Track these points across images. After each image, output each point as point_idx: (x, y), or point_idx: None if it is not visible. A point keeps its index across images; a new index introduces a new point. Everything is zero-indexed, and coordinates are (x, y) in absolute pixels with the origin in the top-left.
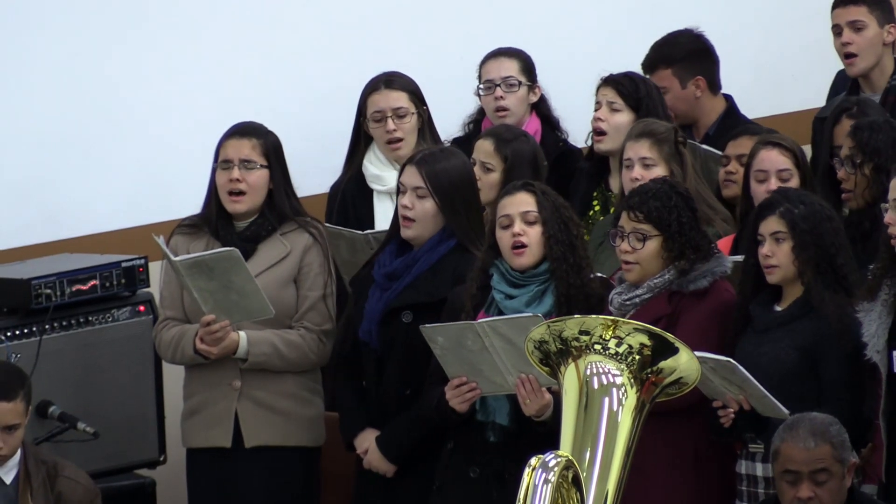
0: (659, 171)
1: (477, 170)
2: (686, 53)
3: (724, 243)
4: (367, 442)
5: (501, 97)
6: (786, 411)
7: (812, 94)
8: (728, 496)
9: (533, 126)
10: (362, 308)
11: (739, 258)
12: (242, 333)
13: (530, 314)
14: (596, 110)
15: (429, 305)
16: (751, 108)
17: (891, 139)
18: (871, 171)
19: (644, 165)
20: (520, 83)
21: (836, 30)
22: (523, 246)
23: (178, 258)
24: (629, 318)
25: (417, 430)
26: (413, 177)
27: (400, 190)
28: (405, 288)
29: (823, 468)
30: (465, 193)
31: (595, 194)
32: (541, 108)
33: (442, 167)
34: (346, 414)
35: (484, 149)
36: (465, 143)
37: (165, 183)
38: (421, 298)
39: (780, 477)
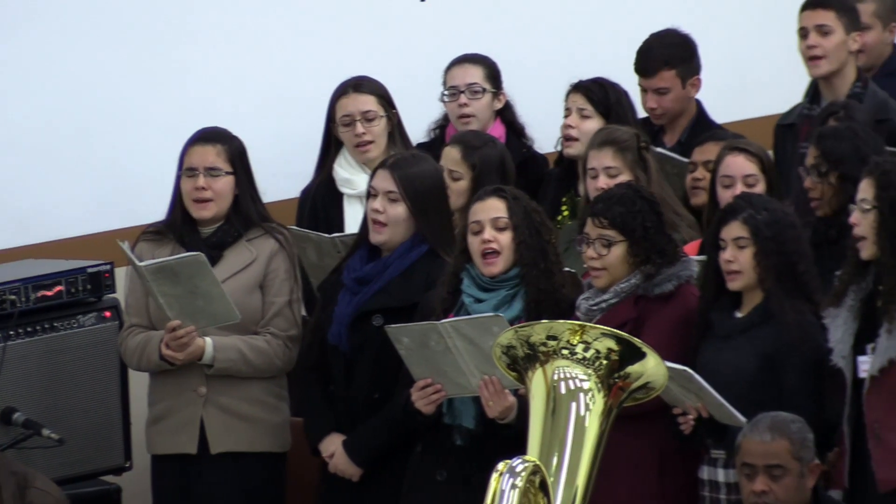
0: (623, 179)
1: (444, 177)
2: (688, 54)
3: (690, 248)
4: (333, 446)
5: (465, 104)
6: (742, 419)
7: (781, 99)
8: (693, 498)
9: (497, 132)
10: (331, 313)
11: (704, 258)
12: (208, 339)
13: (492, 314)
14: (566, 117)
15: (400, 310)
16: (720, 113)
17: (854, 147)
18: (836, 179)
19: (609, 175)
20: (484, 90)
21: (803, 32)
22: (494, 253)
23: (143, 263)
24: (596, 323)
25: (386, 434)
26: (385, 181)
27: (371, 194)
28: (376, 292)
29: (779, 464)
30: (436, 198)
31: (564, 199)
32: (505, 114)
33: (414, 172)
34: (312, 418)
35: (451, 156)
36: (429, 149)
37: (131, 189)
38: (392, 303)
39: (740, 471)
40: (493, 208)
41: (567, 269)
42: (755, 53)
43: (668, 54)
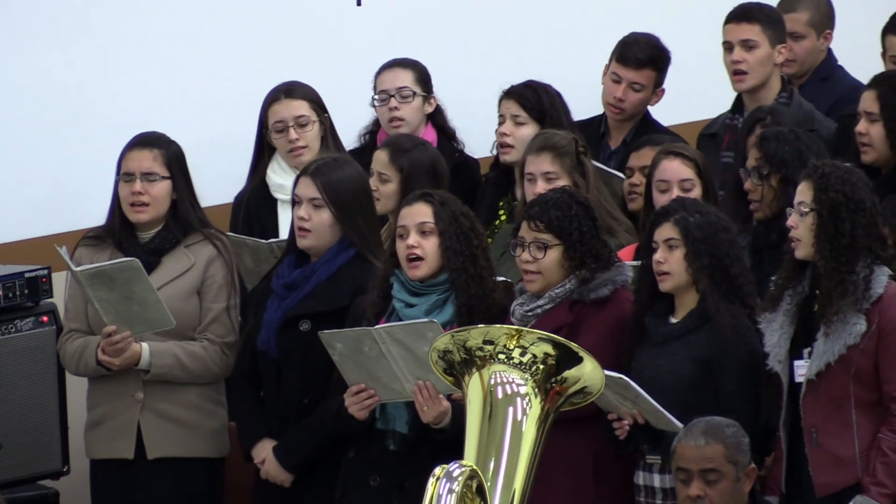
0: (561, 184)
1: (374, 180)
2: (666, 65)
3: (625, 253)
4: (264, 452)
5: (396, 108)
6: (679, 424)
7: (706, 107)
8: (630, 502)
9: (428, 136)
10: (261, 319)
11: (639, 263)
12: (145, 345)
13: (426, 320)
14: (500, 124)
15: (327, 314)
16: (664, 117)
17: (797, 150)
18: (777, 182)
19: (547, 179)
20: (414, 94)
21: (727, 46)
22: (418, 258)
23: (79, 268)
24: (532, 328)
25: (316, 439)
26: (308, 188)
27: (295, 201)
28: (304, 297)
29: (713, 468)
30: (360, 202)
31: (501, 203)
32: (436, 118)
33: (337, 177)
34: (244, 424)
35: (380, 159)
36: (360, 154)
37: (70, 193)
38: (320, 307)
39: (675, 476)
40: (419, 213)
41: (502, 278)
42: (681, 61)
43: (655, 56)
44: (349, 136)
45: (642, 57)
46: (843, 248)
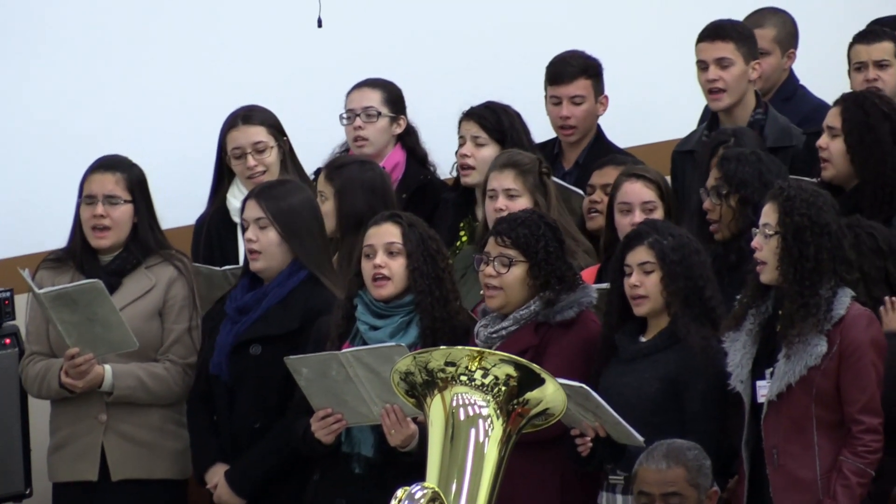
0: (523, 202)
1: (319, 201)
2: (599, 72)
3: (587, 274)
4: (216, 476)
5: (360, 127)
6: (640, 438)
7: (680, 124)
8: None
9: (395, 158)
10: (214, 342)
11: (605, 286)
12: (107, 367)
13: (394, 344)
14: (461, 145)
15: (278, 338)
16: (618, 138)
17: (757, 171)
18: (736, 202)
19: (508, 196)
20: (380, 113)
21: (702, 65)
22: (385, 278)
23: (41, 290)
24: (496, 350)
25: (267, 465)
26: (253, 210)
27: (244, 226)
28: (255, 321)
29: (675, 491)
30: (306, 220)
31: (462, 225)
32: (406, 140)
33: (279, 196)
34: (197, 448)
35: (319, 180)
36: None
37: (32, 216)
38: (270, 331)
39: (637, 500)
40: (387, 233)
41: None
42: (654, 78)
43: (585, 64)
44: (312, 158)
45: (572, 69)
46: (808, 271)
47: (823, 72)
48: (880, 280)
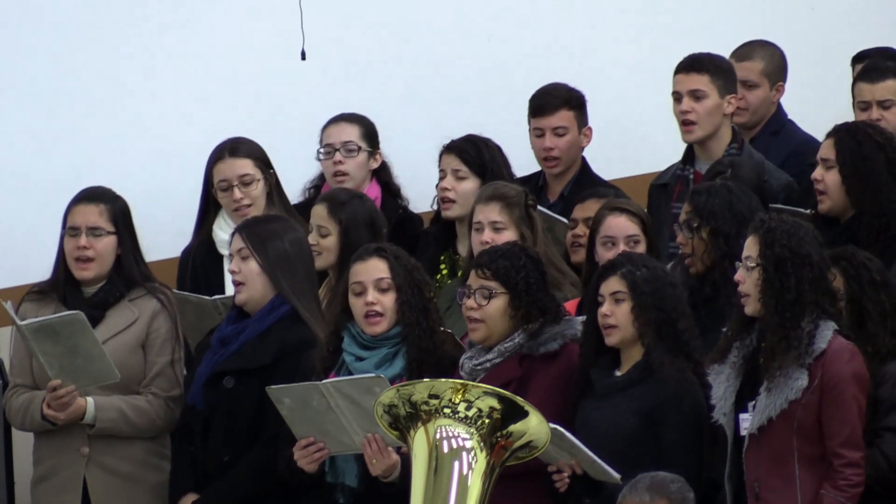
0: (509, 235)
1: (314, 235)
2: (582, 103)
3: (568, 308)
4: None
5: (340, 161)
6: (616, 475)
7: (667, 156)
8: None
9: (372, 192)
10: (195, 372)
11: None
12: (90, 399)
13: (373, 374)
14: (441, 178)
15: (251, 371)
16: (605, 170)
17: (727, 203)
18: (708, 235)
19: (494, 229)
20: (359, 148)
21: (677, 96)
22: (378, 314)
23: (24, 322)
24: (481, 382)
25: (236, 494)
26: (236, 242)
27: (230, 259)
28: (231, 354)
29: None
30: (289, 253)
31: (443, 258)
32: (382, 174)
33: (263, 228)
34: (173, 477)
35: (319, 213)
36: (305, 208)
37: (16, 248)
38: (243, 364)
39: None
40: (375, 269)
41: (444, 329)
42: (641, 111)
43: (567, 96)
44: (294, 190)
45: (554, 101)
46: (789, 303)
47: (811, 105)
48: (875, 314)
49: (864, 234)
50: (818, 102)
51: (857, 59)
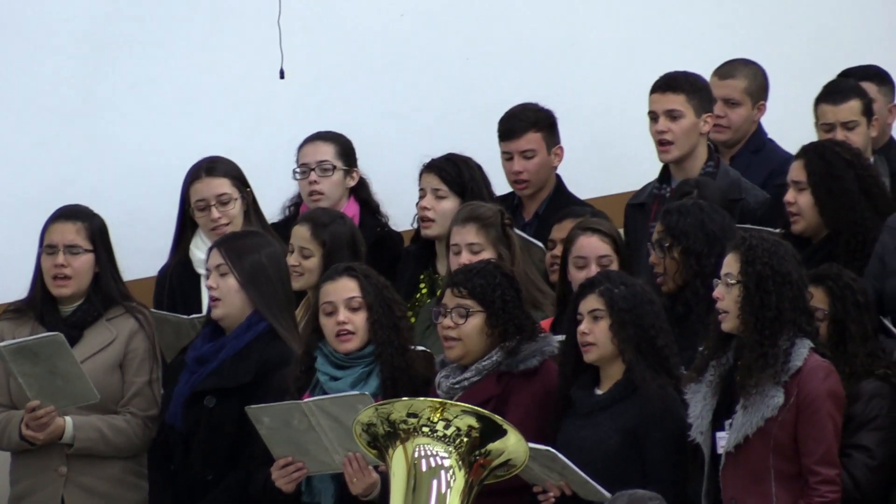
0: (487, 255)
1: (295, 256)
2: (551, 123)
3: (542, 326)
4: None
5: (315, 181)
6: (607, 495)
7: (646, 174)
8: None
9: (351, 210)
10: (173, 391)
11: (562, 338)
12: (68, 419)
13: (357, 392)
14: (421, 197)
15: (232, 390)
16: (584, 188)
17: (699, 222)
18: (679, 254)
19: (472, 251)
20: (335, 167)
21: (653, 115)
22: (349, 333)
23: (2, 343)
24: (458, 401)
25: None
26: (214, 257)
27: (207, 275)
28: (210, 373)
29: None
30: (267, 270)
31: (422, 277)
32: (360, 192)
33: (240, 244)
34: (152, 497)
35: (301, 234)
36: (284, 226)
37: None
38: (223, 383)
39: None
40: (345, 288)
41: (422, 347)
42: (620, 129)
43: (535, 118)
44: (272, 209)
45: (521, 124)
46: (769, 320)
47: (789, 125)
48: (857, 335)
49: (841, 253)
50: (797, 121)
51: (843, 76)
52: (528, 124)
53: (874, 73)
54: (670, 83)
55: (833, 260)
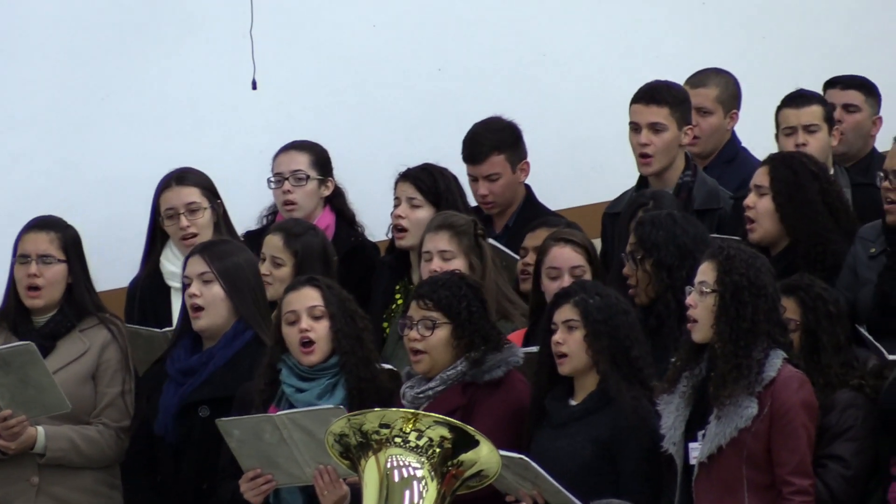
0: (458, 264)
1: (267, 265)
2: (515, 138)
3: (515, 337)
4: None
5: (289, 190)
6: None
7: (620, 185)
8: None
9: (325, 220)
10: (156, 403)
11: (533, 349)
12: (40, 428)
13: (332, 406)
14: (396, 206)
15: (226, 400)
16: (552, 200)
17: (671, 234)
18: (651, 266)
19: (443, 258)
20: (308, 177)
21: (634, 127)
22: (311, 343)
23: None
24: (423, 411)
25: None
26: (197, 265)
27: (185, 284)
28: (202, 383)
29: None
30: (249, 279)
31: (398, 287)
32: (335, 202)
33: (225, 252)
34: None
35: (273, 244)
36: (259, 235)
37: None
38: (218, 393)
39: None
40: (308, 297)
41: (388, 366)
42: (593, 138)
43: (496, 139)
44: (244, 219)
45: (483, 148)
46: (743, 331)
47: (763, 134)
48: (829, 346)
49: (801, 264)
50: (769, 131)
51: (829, 85)
52: (490, 147)
53: (861, 84)
54: (654, 95)
55: (792, 271)
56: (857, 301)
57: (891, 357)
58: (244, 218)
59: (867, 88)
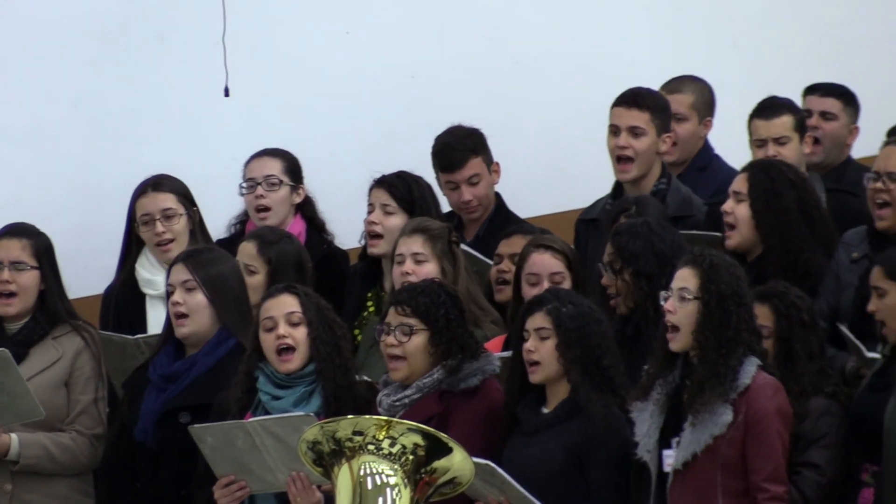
0: (430, 267)
1: (241, 270)
2: (484, 142)
3: (493, 345)
4: None
5: (262, 196)
6: None
7: (592, 192)
8: None
9: (297, 227)
10: (137, 409)
11: (508, 354)
12: (14, 435)
13: (302, 413)
14: (369, 212)
15: (207, 407)
16: (524, 207)
17: (648, 243)
18: (630, 276)
19: (416, 261)
20: (281, 182)
21: (614, 130)
22: (289, 349)
23: None
24: (397, 419)
25: None
26: (180, 272)
27: (169, 291)
28: (183, 390)
29: None
30: (233, 287)
31: (370, 295)
32: (306, 209)
33: (208, 260)
34: None
35: (247, 251)
36: (229, 243)
37: None
38: (199, 400)
39: None
40: (286, 304)
41: (365, 377)
42: (562, 146)
43: (471, 143)
44: (217, 226)
45: (461, 153)
46: (726, 339)
47: (737, 142)
48: (803, 353)
49: (772, 272)
50: (741, 139)
51: (809, 91)
52: (466, 152)
53: (841, 92)
54: (636, 99)
55: (764, 278)
56: (839, 304)
57: (869, 354)
58: (217, 225)
59: (847, 97)
